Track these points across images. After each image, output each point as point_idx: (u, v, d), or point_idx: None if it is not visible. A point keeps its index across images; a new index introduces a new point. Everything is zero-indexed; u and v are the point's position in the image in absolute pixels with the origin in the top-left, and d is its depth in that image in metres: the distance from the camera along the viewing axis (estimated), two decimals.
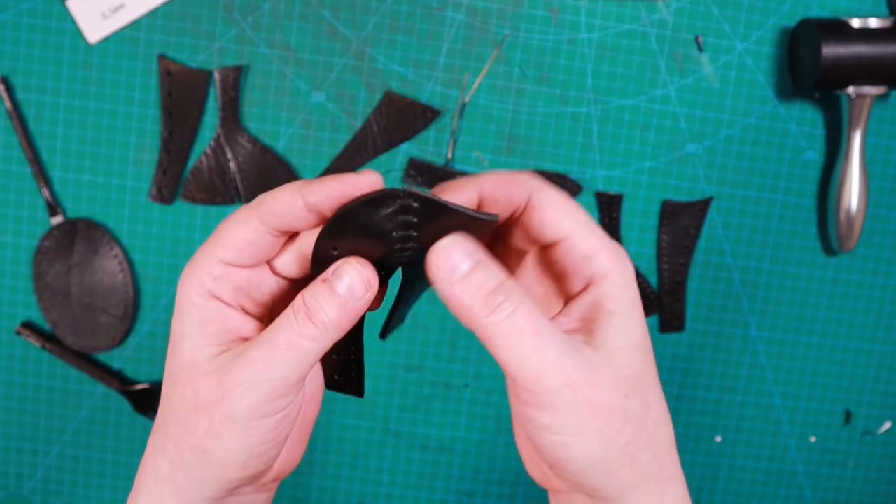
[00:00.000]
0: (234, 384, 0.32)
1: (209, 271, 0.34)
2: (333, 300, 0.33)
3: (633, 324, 0.33)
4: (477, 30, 0.68)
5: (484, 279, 0.32)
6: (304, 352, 0.32)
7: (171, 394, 0.34)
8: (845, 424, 0.75)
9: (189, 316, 0.34)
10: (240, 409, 0.32)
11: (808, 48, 0.66)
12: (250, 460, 0.34)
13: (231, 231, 0.34)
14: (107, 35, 0.67)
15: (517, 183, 0.34)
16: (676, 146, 0.70)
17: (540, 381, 0.31)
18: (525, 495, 0.75)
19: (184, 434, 0.34)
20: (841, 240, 0.70)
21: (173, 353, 0.34)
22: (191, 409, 0.33)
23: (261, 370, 0.32)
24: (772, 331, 0.73)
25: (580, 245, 0.33)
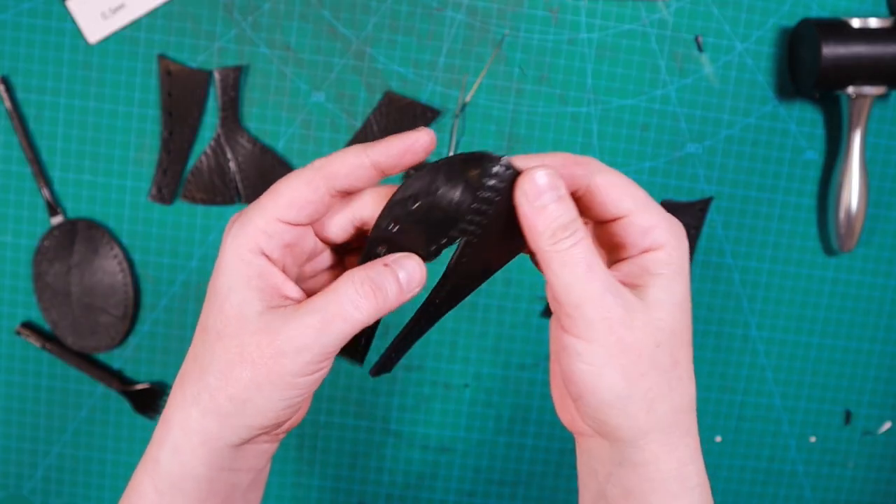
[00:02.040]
0: (288, 346, 0.35)
1: (264, 228, 0.36)
2: (396, 283, 0.36)
3: (677, 287, 0.37)
4: (477, 30, 0.68)
5: (560, 212, 0.35)
6: (356, 323, 0.35)
7: (214, 346, 0.36)
8: (845, 424, 0.75)
9: (237, 271, 0.36)
10: (290, 368, 0.35)
11: (808, 48, 0.66)
12: (284, 410, 0.37)
13: (292, 191, 0.36)
14: (107, 35, 0.67)
15: (581, 164, 0.37)
16: (676, 146, 0.70)
17: (581, 308, 0.35)
18: (525, 495, 0.75)
19: (224, 384, 0.36)
20: (841, 240, 0.70)
21: (220, 307, 0.36)
22: (235, 362, 0.36)
23: (315, 336, 0.35)
24: (772, 331, 0.73)
25: (639, 221, 0.37)
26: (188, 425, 0.37)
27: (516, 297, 0.72)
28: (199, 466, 0.38)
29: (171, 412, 0.38)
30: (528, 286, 0.72)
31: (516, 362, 0.73)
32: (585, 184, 0.37)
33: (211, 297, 0.37)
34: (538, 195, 0.35)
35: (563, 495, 0.75)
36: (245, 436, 0.37)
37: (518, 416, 0.73)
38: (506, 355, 0.72)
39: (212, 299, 0.37)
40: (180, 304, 0.71)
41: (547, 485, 0.75)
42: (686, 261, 0.37)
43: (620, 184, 0.37)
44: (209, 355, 0.37)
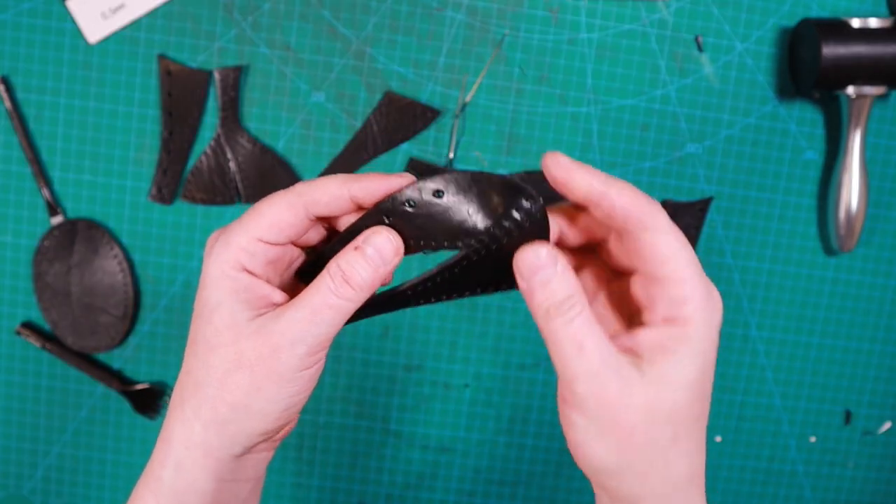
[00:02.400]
0: (282, 341, 0.36)
1: (246, 248, 0.37)
2: (366, 264, 0.37)
3: (690, 367, 0.35)
4: (477, 30, 0.68)
5: (554, 291, 0.35)
6: (342, 310, 0.37)
7: (208, 357, 0.37)
8: (845, 424, 0.75)
9: (223, 286, 0.37)
10: (288, 363, 0.37)
11: (808, 48, 0.66)
12: (286, 410, 0.38)
13: (273, 213, 0.37)
14: (107, 35, 0.67)
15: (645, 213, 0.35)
16: (676, 146, 0.70)
17: (572, 384, 0.35)
18: (525, 495, 0.75)
19: (223, 393, 0.37)
20: (841, 240, 0.70)
21: (209, 319, 0.37)
22: (232, 370, 0.37)
23: (306, 328, 0.36)
24: (772, 331, 0.73)
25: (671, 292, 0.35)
26: (190, 440, 0.38)
27: (516, 298, 0.71)
28: (203, 480, 0.38)
29: (171, 429, 0.39)
30: None
31: (516, 362, 0.72)
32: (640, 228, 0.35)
33: (199, 312, 0.38)
34: (534, 272, 0.35)
35: (563, 495, 0.75)
36: (247, 444, 0.38)
37: (518, 416, 0.73)
38: (506, 355, 0.72)
39: (200, 314, 0.38)
40: (180, 304, 0.71)
41: (547, 485, 0.75)
42: (711, 339, 0.35)
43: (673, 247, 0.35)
44: (204, 368, 0.38)
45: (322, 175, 0.69)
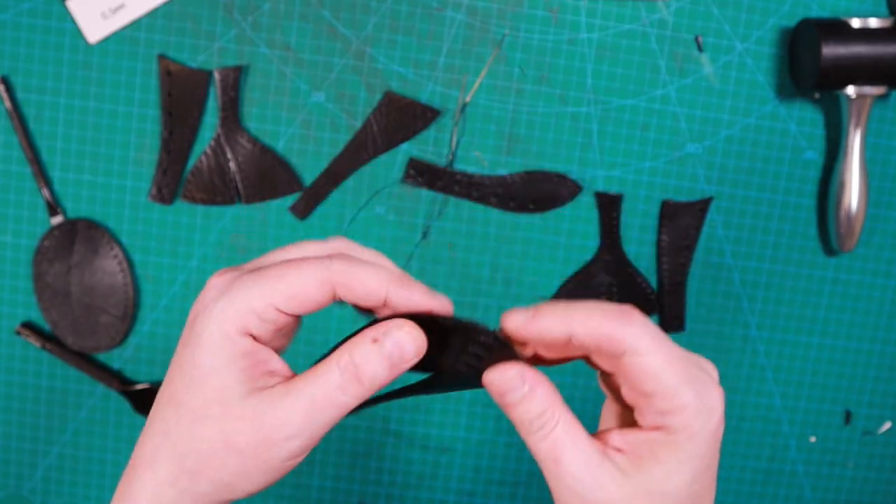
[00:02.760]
0: (276, 435, 0.33)
1: (260, 312, 0.33)
2: (384, 362, 0.33)
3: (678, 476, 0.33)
4: (477, 30, 0.68)
5: (526, 408, 0.34)
6: (344, 408, 0.34)
7: (193, 428, 0.34)
8: (845, 424, 0.75)
9: (222, 350, 0.33)
10: (279, 455, 0.34)
11: (808, 48, 0.66)
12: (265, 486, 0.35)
13: (299, 285, 0.34)
14: (107, 35, 0.67)
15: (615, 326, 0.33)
16: (676, 146, 0.70)
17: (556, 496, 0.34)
18: (525, 495, 0.75)
19: (207, 470, 0.34)
20: (841, 240, 0.70)
21: (199, 387, 0.34)
22: (219, 450, 0.34)
23: (303, 423, 0.33)
24: (772, 331, 0.73)
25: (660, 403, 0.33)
26: None
27: (517, 297, 0.72)
28: None
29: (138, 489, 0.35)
30: (528, 286, 0.72)
31: None
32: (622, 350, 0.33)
33: (187, 371, 0.34)
34: (503, 394, 0.34)
35: None
36: None
37: None
38: None
39: (188, 373, 0.34)
40: (180, 305, 0.71)
41: (546, 485, 0.74)
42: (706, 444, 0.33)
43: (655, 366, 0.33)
44: (187, 437, 0.34)
45: (328, 170, 0.69)
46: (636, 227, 0.71)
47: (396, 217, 0.70)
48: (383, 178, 0.70)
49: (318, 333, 0.71)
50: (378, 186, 0.70)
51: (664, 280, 0.72)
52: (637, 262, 0.72)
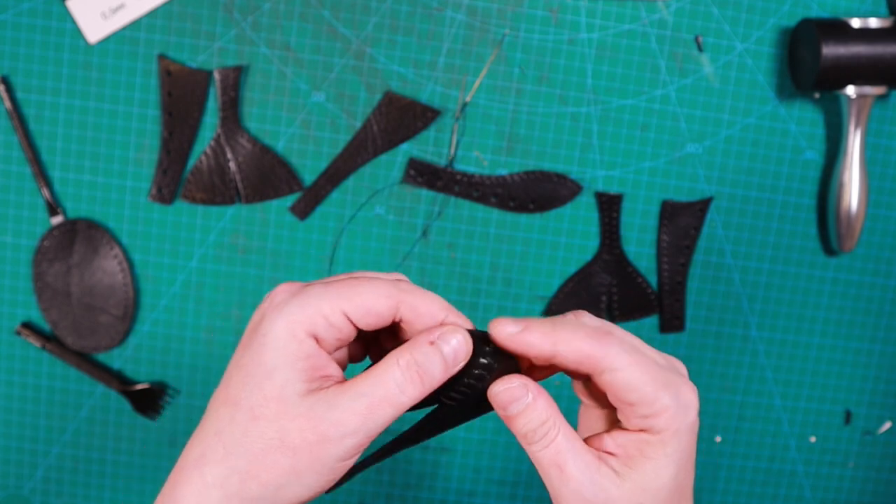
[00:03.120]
0: (332, 432, 0.34)
1: (329, 315, 0.35)
2: (441, 362, 0.35)
3: (665, 472, 0.36)
4: (477, 30, 0.68)
5: (529, 418, 0.36)
6: (402, 407, 0.35)
7: (248, 427, 0.34)
8: (845, 424, 0.75)
9: (287, 349, 0.34)
10: (334, 454, 0.34)
11: (808, 48, 0.66)
12: (316, 493, 0.36)
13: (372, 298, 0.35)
14: (107, 35, 0.67)
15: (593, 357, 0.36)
16: (676, 146, 0.70)
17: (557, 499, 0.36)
18: (525, 495, 0.75)
19: (258, 470, 0.34)
20: (841, 240, 0.70)
21: (259, 384, 0.35)
22: (273, 448, 0.34)
23: (360, 422, 0.34)
24: (772, 331, 0.73)
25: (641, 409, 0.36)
26: None
27: (516, 297, 0.72)
28: None
29: (182, 491, 0.35)
30: (528, 286, 0.72)
31: None
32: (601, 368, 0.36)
33: (248, 370, 0.35)
34: (507, 404, 0.36)
35: None
36: None
37: None
38: None
39: (249, 372, 0.35)
40: (180, 305, 0.71)
41: None
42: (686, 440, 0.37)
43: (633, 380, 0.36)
44: (240, 435, 0.35)
45: (328, 170, 0.69)
46: (636, 227, 0.71)
47: (396, 217, 0.70)
48: (383, 178, 0.70)
49: None
50: (378, 186, 0.70)
51: (664, 280, 0.72)
52: (637, 262, 0.71)
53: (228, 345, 0.71)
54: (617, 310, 0.72)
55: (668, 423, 0.36)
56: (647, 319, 0.72)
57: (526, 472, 0.74)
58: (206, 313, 0.71)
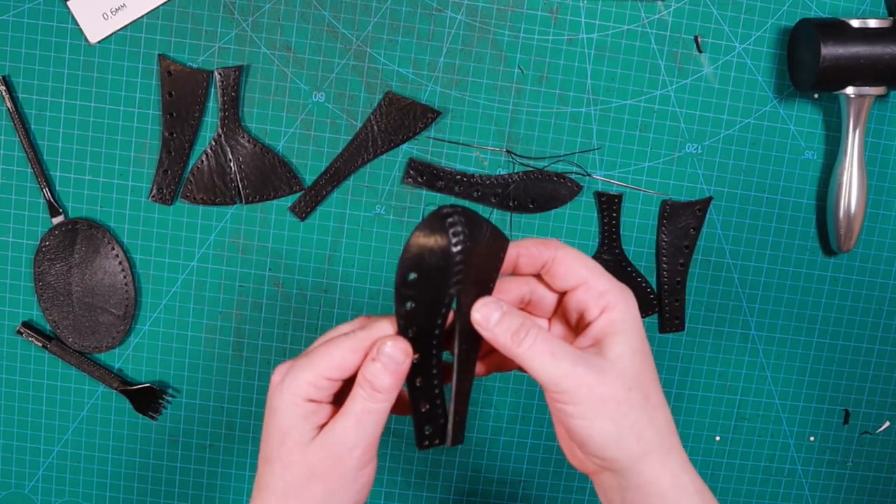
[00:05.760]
0: (342, 449, 0.44)
1: (314, 383, 0.44)
2: (382, 370, 0.43)
3: (633, 338, 0.44)
4: (477, 30, 0.68)
5: (509, 323, 0.43)
6: (379, 413, 0.44)
7: (286, 474, 0.45)
8: (844, 424, 0.75)
9: (293, 414, 0.44)
10: (350, 465, 0.44)
11: (807, 48, 0.66)
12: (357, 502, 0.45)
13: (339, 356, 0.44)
14: (107, 35, 0.67)
15: (545, 245, 0.45)
16: (676, 146, 0.70)
17: (559, 384, 0.42)
18: (524, 495, 0.75)
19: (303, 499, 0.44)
20: (840, 240, 0.70)
21: (283, 441, 0.44)
22: (308, 480, 0.44)
23: (355, 434, 0.43)
24: (771, 330, 0.73)
25: (594, 286, 0.44)
26: None
27: None
28: None
29: None
30: None
31: None
32: (551, 257, 0.45)
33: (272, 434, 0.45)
34: (489, 318, 0.43)
35: (564, 495, 0.75)
36: None
37: (518, 416, 0.73)
38: None
39: (273, 436, 0.45)
40: (181, 304, 0.71)
41: (547, 484, 0.75)
42: (637, 317, 0.44)
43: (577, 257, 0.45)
44: (281, 482, 0.45)
45: (328, 170, 0.69)
46: (636, 226, 0.71)
47: (397, 217, 0.70)
48: (384, 178, 0.70)
49: None
50: (378, 187, 0.70)
51: (664, 280, 0.71)
52: (636, 262, 0.71)
53: (229, 345, 0.71)
54: None
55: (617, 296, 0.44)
56: (647, 319, 0.72)
57: (526, 471, 0.74)
58: (207, 313, 0.71)
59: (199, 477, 0.73)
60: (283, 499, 0.45)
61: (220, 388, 0.72)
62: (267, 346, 0.71)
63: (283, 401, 0.44)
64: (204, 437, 0.72)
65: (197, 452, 0.73)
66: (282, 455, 0.45)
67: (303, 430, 0.44)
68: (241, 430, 0.73)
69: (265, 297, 0.71)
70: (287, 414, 0.44)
